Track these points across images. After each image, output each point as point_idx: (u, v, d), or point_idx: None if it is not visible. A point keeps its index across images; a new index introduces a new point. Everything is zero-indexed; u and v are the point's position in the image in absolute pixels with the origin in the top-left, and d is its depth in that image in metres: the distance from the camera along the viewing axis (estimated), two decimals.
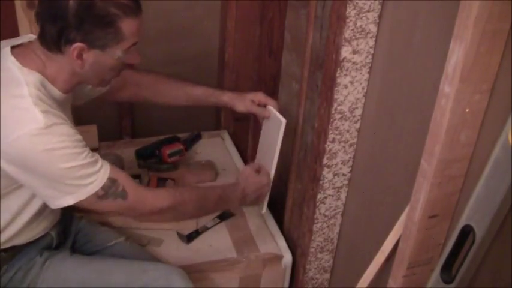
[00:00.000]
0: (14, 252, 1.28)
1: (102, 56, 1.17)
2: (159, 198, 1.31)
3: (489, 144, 0.85)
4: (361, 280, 1.21)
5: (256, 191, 1.51)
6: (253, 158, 2.01)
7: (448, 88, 0.84)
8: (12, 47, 1.20)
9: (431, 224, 0.98)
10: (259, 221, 1.72)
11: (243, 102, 1.57)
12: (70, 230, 1.46)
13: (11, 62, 1.16)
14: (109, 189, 1.19)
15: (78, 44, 1.13)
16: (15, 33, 1.70)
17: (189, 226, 1.64)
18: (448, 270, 0.94)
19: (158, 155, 1.83)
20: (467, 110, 0.86)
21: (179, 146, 1.85)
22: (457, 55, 0.81)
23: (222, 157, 2.00)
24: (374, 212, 1.32)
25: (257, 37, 1.82)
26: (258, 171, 1.54)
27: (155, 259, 1.48)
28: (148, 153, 1.84)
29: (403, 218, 1.07)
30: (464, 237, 0.90)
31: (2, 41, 1.29)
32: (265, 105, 1.56)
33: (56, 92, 1.20)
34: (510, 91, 0.82)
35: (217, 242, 1.62)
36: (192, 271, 1.49)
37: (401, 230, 1.06)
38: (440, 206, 0.96)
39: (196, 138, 2.03)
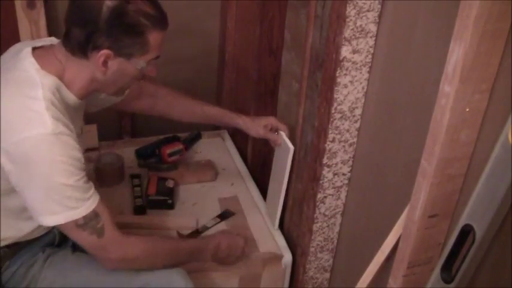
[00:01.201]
0: (17, 248, 1.29)
1: (126, 65, 1.19)
2: (132, 246, 1.28)
3: (489, 144, 0.85)
4: (361, 280, 1.21)
5: (230, 248, 1.48)
6: (253, 158, 2.01)
7: (448, 88, 0.85)
8: (34, 48, 1.20)
9: (431, 224, 0.98)
10: (259, 221, 1.72)
11: (256, 128, 1.61)
12: None
13: (29, 63, 1.16)
14: (90, 221, 1.18)
15: (105, 51, 1.14)
16: (15, 33, 1.70)
17: (189, 226, 1.64)
18: (448, 269, 0.94)
19: (158, 155, 1.83)
20: (467, 110, 0.86)
21: (179, 146, 1.86)
22: (457, 55, 0.82)
23: (222, 157, 2.00)
24: (374, 212, 1.32)
25: (257, 37, 1.82)
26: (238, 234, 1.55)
27: None
28: (148, 152, 1.85)
29: (403, 217, 1.07)
30: (464, 237, 0.90)
31: (24, 41, 1.30)
32: (276, 130, 1.60)
33: (71, 98, 1.20)
34: (510, 91, 0.83)
35: None
36: (192, 270, 1.49)
37: (401, 230, 1.06)
38: (440, 206, 0.96)
39: (196, 137, 2.03)
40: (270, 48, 1.81)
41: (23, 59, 1.17)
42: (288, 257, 1.62)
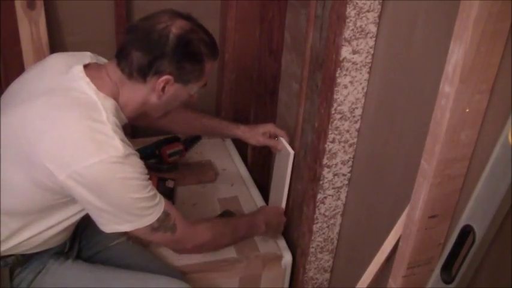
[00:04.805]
0: (29, 255, 1.29)
1: (182, 90, 1.24)
2: (202, 233, 1.39)
3: (489, 144, 0.85)
4: (361, 280, 1.21)
5: (275, 215, 1.60)
6: (253, 158, 2.01)
7: (448, 88, 0.84)
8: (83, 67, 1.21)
9: (431, 224, 0.98)
10: None
11: (255, 137, 1.63)
12: (77, 233, 1.45)
13: (86, 84, 1.17)
14: (163, 222, 1.24)
15: (167, 76, 1.18)
16: (15, 33, 1.70)
17: None
18: (448, 270, 0.94)
19: (158, 155, 1.83)
20: (467, 110, 0.86)
21: (179, 146, 1.86)
22: (457, 55, 0.81)
23: (222, 157, 2.00)
24: (374, 212, 1.32)
25: (257, 37, 1.82)
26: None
27: (156, 259, 1.48)
28: (149, 153, 1.85)
29: (403, 218, 1.07)
30: (464, 237, 0.90)
31: (61, 54, 1.30)
32: (275, 136, 1.61)
33: (123, 119, 1.23)
34: (510, 91, 0.82)
35: None
36: (192, 271, 1.49)
37: (401, 230, 1.06)
38: (440, 206, 0.96)
39: (196, 138, 2.03)
40: (270, 49, 1.81)
41: (78, 79, 1.18)
42: (287, 257, 1.62)
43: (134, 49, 1.17)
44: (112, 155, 1.11)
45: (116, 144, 1.12)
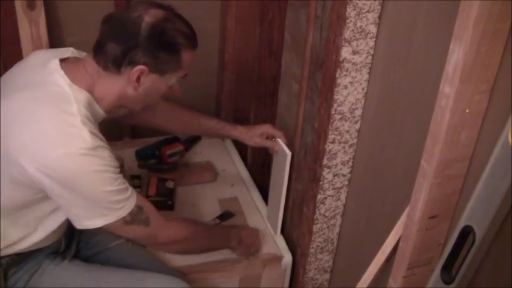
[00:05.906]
0: (24, 255, 1.28)
1: (158, 81, 1.22)
2: (176, 228, 1.37)
3: (489, 144, 0.85)
4: (361, 280, 1.21)
5: (250, 236, 1.59)
6: (253, 159, 2.01)
7: (448, 88, 0.84)
8: (60, 61, 1.20)
9: (431, 225, 0.98)
10: (259, 221, 1.72)
11: (252, 138, 1.62)
12: (75, 233, 1.45)
13: (60, 77, 1.17)
14: (135, 215, 1.23)
15: (141, 66, 1.16)
16: (15, 33, 1.70)
17: None
18: (448, 270, 0.94)
19: (158, 156, 1.83)
20: (467, 111, 0.86)
21: (179, 147, 1.86)
22: (457, 55, 0.81)
23: (222, 158, 2.00)
24: (374, 212, 1.32)
25: (257, 37, 1.82)
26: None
27: (156, 260, 1.48)
28: (149, 153, 1.85)
29: (403, 218, 1.07)
30: (464, 237, 0.90)
31: (43, 51, 1.30)
32: (273, 137, 1.61)
33: (100, 112, 1.22)
34: (510, 91, 0.82)
35: None
36: (192, 271, 1.49)
37: (401, 230, 1.06)
38: (440, 207, 0.96)
39: (196, 138, 2.04)
40: (270, 49, 1.81)
41: (53, 73, 1.17)
42: (288, 257, 1.62)
43: (109, 40, 1.16)
44: (80, 146, 1.10)
45: (83, 136, 1.11)
